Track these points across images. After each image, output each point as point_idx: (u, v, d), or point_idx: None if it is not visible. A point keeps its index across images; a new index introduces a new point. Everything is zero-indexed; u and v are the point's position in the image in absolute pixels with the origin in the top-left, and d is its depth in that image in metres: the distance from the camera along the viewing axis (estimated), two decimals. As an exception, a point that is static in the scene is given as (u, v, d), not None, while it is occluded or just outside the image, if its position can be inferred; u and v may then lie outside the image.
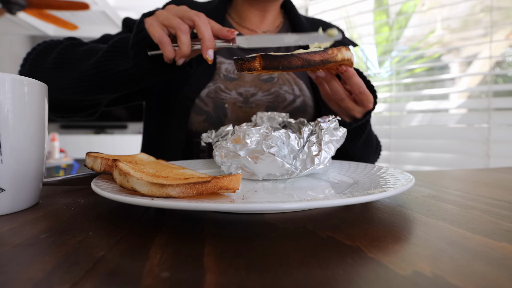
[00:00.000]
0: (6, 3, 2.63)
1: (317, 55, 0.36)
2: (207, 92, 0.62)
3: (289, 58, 0.36)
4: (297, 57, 0.36)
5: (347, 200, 0.21)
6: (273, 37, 0.51)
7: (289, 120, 0.48)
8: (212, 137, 0.42)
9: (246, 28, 0.70)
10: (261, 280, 0.15)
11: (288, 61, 0.36)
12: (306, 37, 0.50)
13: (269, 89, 0.64)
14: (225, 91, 0.62)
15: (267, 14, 0.69)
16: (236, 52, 0.67)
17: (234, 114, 0.62)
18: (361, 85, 0.45)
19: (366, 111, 0.49)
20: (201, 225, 0.23)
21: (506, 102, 1.28)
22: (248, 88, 0.63)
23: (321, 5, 1.72)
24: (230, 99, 0.62)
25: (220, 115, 0.62)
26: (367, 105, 0.47)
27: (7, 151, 0.26)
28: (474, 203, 0.30)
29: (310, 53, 0.36)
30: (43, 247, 0.19)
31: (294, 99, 0.65)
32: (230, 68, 0.64)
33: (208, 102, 0.62)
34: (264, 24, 0.71)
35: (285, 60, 0.36)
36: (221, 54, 0.66)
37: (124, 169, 0.25)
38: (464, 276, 0.15)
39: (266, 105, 0.63)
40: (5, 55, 4.27)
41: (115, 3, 3.43)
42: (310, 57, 0.36)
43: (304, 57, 0.36)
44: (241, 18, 0.70)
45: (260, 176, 0.37)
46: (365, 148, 0.64)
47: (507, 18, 1.29)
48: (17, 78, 0.26)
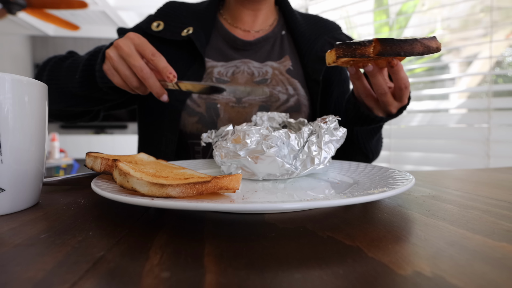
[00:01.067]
0: (6, 3, 2.63)
1: (433, 41, 0.36)
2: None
3: (412, 43, 0.34)
4: (420, 42, 0.35)
5: (347, 200, 0.21)
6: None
7: (289, 120, 0.48)
8: (212, 137, 0.42)
9: (239, 29, 0.70)
10: (261, 280, 0.15)
11: (411, 47, 0.35)
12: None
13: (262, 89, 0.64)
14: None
15: (259, 13, 0.69)
16: (226, 53, 0.67)
17: (227, 114, 0.62)
18: (407, 80, 0.45)
19: (401, 106, 0.50)
20: (201, 225, 0.23)
21: (506, 102, 1.28)
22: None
23: (321, 5, 1.72)
24: (222, 100, 0.62)
25: (212, 115, 0.61)
26: (404, 100, 0.48)
27: (7, 151, 0.26)
28: (474, 203, 0.30)
29: (429, 39, 0.35)
30: (43, 247, 0.19)
31: (288, 99, 0.64)
32: (222, 71, 0.64)
33: (200, 103, 0.62)
34: (257, 23, 0.70)
35: (409, 46, 0.34)
36: (213, 57, 0.65)
37: (124, 169, 0.25)
38: (464, 276, 0.15)
39: (260, 105, 0.63)
40: (5, 55, 4.27)
41: (115, 3, 3.43)
42: (429, 43, 0.35)
43: (426, 43, 0.35)
44: (234, 19, 0.70)
45: (260, 176, 0.37)
46: (377, 143, 0.65)
47: (507, 18, 1.29)
48: (17, 78, 0.26)
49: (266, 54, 0.68)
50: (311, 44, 0.67)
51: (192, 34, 0.60)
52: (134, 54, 0.46)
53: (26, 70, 4.40)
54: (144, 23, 0.66)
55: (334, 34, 0.68)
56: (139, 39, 0.47)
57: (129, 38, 0.47)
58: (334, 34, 0.68)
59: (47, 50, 4.42)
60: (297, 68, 0.68)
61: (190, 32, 0.61)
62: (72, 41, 4.42)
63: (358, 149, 0.63)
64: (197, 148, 0.63)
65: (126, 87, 0.49)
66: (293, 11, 0.72)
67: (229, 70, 0.64)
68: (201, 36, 0.62)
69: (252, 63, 0.66)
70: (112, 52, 0.47)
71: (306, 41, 0.67)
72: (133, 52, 0.46)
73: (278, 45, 0.69)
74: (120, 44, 0.47)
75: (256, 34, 0.70)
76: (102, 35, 4.35)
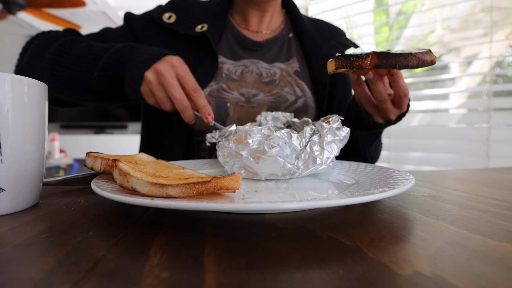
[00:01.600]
0: (6, 3, 2.63)
1: (427, 55, 0.36)
2: (209, 91, 0.62)
3: (407, 57, 0.35)
4: (415, 56, 0.35)
5: (347, 200, 0.21)
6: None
7: (294, 120, 0.48)
8: (216, 137, 0.42)
9: (247, 30, 0.70)
10: (261, 280, 0.15)
11: (406, 60, 0.35)
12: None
13: (270, 90, 0.64)
14: (228, 90, 0.62)
15: (265, 14, 0.69)
16: (235, 50, 0.67)
17: (236, 113, 0.62)
18: (406, 88, 0.46)
19: (400, 113, 0.50)
20: (201, 225, 0.23)
21: (506, 102, 1.28)
22: (250, 90, 0.63)
23: (321, 5, 1.72)
24: (232, 99, 0.62)
25: (222, 114, 0.62)
26: (403, 107, 0.49)
27: (7, 151, 0.26)
28: (474, 203, 0.30)
29: (424, 54, 0.36)
30: (43, 247, 0.19)
31: (296, 100, 0.65)
32: (232, 68, 0.65)
33: (210, 101, 0.62)
34: (263, 24, 0.70)
35: (403, 59, 0.35)
36: (222, 54, 0.66)
37: (124, 169, 0.25)
38: (464, 276, 0.15)
39: (268, 105, 0.63)
40: (5, 55, 4.26)
41: (115, 3, 3.43)
42: (424, 57, 0.36)
43: (420, 57, 0.35)
44: (242, 19, 0.70)
45: (263, 176, 0.37)
46: (377, 147, 0.66)
47: (507, 18, 1.29)
48: (17, 78, 0.26)
49: (274, 55, 0.69)
50: (318, 47, 0.68)
51: (207, 31, 0.60)
52: (176, 85, 0.46)
53: (26, 70, 4.40)
54: (155, 12, 0.65)
55: (340, 39, 0.69)
56: (182, 69, 0.47)
57: (172, 65, 0.47)
58: (340, 39, 0.69)
59: (47, 50, 4.42)
60: (304, 70, 0.68)
61: (204, 29, 0.61)
62: (72, 41, 4.42)
63: (358, 153, 0.64)
64: (203, 146, 0.63)
65: (157, 106, 0.50)
66: (300, 15, 0.72)
67: (238, 69, 0.65)
68: (215, 33, 0.62)
69: (260, 63, 0.66)
70: (152, 76, 0.47)
71: (313, 44, 0.68)
72: (175, 83, 0.46)
73: (286, 47, 0.70)
74: (162, 72, 0.46)
75: (264, 35, 0.70)
76: (102, 35, 4.34)
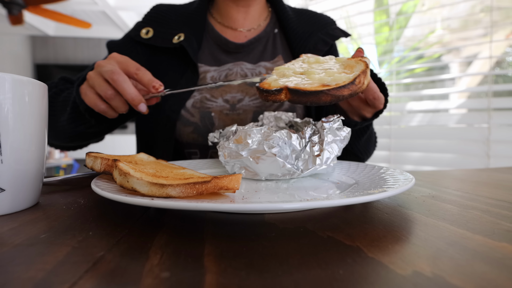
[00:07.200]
0: (6, 3, 2.63)
1: (345, 89, 0.34)
2: (193, 102, 0.61)
3: (318, 95, 0.34)
4: (326, 93, 0.34)
5: (347, 200, 0.21)
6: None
7: (296, 120, 0.48)
8: (218, 137, 0.42)
9: (229, 28, 0.68)
10: (261, 280, 0.15)
11: (317, 98, 0.34)
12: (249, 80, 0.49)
13: (256, 93, 0.62)
14: (211, 99, 0.61)
15: (250, 9, 0.67)
16: (221, 57, 0.66)
17: (222, 122, 0.61)
18: (376, 91, 0.44)
19: (376, 111, 0.49)
20: (201, 225, 0.23)
21: (506, 102, 1.28)
22: (235, 94, 0.62)
23: (321, 5, 1.72)
24: (216, 107, 0.61)
25: (207, 124, 0.61)
26: (378, 106, 0.47)
27: (7, 151, 0.26)
28: (474, 203, 0.30)
29: (339, 89, 0.34)
30: (43, 247, 0.19)
31: (282, 102, 0.64)
32: (216, 75, 0.63)
33: (194, 112, 0.61)
34: (248, 21, 0.68)
35: (314, 97, 0.34)
36: (205, 62, 0.64)
37: (124, 169, 0.25)
38: (464, 276, 0.15)
39: (254, 111, 0.62)
40: (5, 55, 4.26)
41: (115, 3, 3.43)
42: (339, 92, 0.34)
43: (333, 94, 0.34)
44: (224, 17, 0.68)
45: (263, 176, 0.37)
46: (367, 143, 0.64)
47: (507, 18, 1.29)
48: (17, 78, 0.26)
49: (259, 54, 0.67)
50: (304, 42, 0.65)
51: (183, 41, 0.59)
52: (116, 69, 0.44)
53: (26, 70, 4.40)
54: (133, 30, 0.64)
55: (327, 30, 0.66)
56: (122, 57, 0.46)
57: (111, 57, 0.47)
58: (328, 30, 0.66)
59: (47, 50, 4.42)
60: None
61: (181, 39, 0.59)
62: (72, 41, 4.42)
63: (345, 149, 0.62)
64: (194, 157, 0.63)
65: (99, 103, 0.46)
66: (285, 8, 0.70)
67: (222, 74, 0.63)
68: (193, 42, 0.61)
69: (245, 64, 0.65)
70: (92, 72, 0.46)
71: (298, 39, 0.66)
72: (115, 67, 0.45)
73: (271, 44, 0.68)
74: (101, 63, 0.46)
75: (248, 34, 0.68)
76: (102, 35, 4.35)
